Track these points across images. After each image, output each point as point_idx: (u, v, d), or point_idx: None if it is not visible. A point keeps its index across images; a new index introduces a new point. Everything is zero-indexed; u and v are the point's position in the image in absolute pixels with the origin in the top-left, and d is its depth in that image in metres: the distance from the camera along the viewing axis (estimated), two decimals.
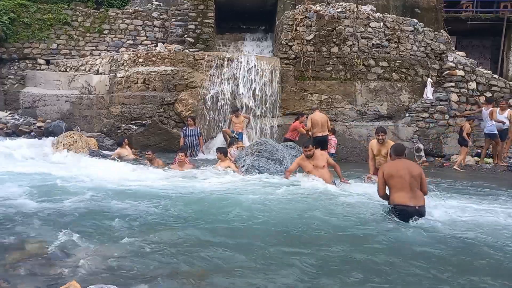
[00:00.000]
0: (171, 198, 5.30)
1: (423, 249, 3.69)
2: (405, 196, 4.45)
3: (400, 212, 4.45)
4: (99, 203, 4.89)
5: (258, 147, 8.19)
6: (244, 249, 3.49)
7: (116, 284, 2.59)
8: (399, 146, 5.07)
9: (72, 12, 14.37)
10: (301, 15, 11.50)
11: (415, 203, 4.44)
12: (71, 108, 12.21)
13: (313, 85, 11.34)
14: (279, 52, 11.55)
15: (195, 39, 13.05)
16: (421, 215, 4.45)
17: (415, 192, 4.48)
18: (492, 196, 6.36)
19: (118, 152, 9.28)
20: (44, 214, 4.23)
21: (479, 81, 11.68)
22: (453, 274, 3.15)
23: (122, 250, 3.30)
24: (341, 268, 3.19)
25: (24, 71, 13.91)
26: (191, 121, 10.01)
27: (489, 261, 3.46)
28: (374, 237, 3.98)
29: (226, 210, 4.78)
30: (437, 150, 11.38)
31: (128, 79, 11.33)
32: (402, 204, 4.46)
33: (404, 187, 4.46)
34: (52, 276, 2.81)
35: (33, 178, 6.16)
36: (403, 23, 11.81)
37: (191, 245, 3.53)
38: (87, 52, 14.25)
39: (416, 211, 4.42)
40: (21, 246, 3.31)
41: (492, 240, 3.99)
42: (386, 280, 3.00)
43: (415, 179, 4.50)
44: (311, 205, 5.12)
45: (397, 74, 11.51)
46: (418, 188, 4.52)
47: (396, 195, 4.52)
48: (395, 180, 4.54)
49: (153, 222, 4.22)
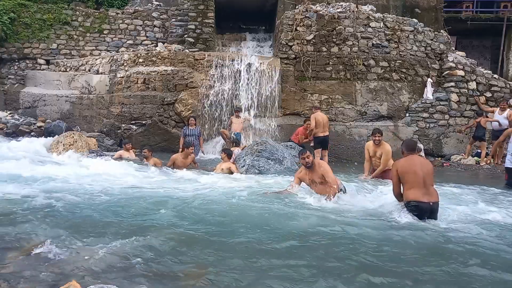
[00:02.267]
0: (171, 198, 5.30)
1: (426, 250, 3.69)
2: (419, 192, 4.43)
3: (414, 208, 4.44)
4: (99, 203, 4.90)
5: (258, 147, 8.20)
6: (244, 249, 3.50)
7: (116, 284, 2.59)
8: (411, 142, 5.07)
9: (72, 12, 14.37)
10: (301, 15, 11.50)
11: (428, 199, 4.43)
12: (71, 108, 12.21)
13: (313, 85, 11.33)
14: (279, 52, 11.55)
15: (195, 39, 13.05)
16: (435, 211, 4.46)
17: (429, 188, 4.46)
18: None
19: (120, 154, 9.08)
20: (44, 214, 4.23)
21: (479, 81, 11.68)
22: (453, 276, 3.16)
23: (122, 250, 3.30)
24: (341, 268, 3.19)
25: (24, 71, 13.91)
26: (193, 121, 9.98)
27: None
28: (374, 239, 3.98)
29: (227, 210, 4.79)
30: (437, 150, 11.39)
31: (128, 79, 11.33)
32: (416, 200, 4.43)
33: (418, 183, 4.45)
34: (52, 276, 2.81)
35: (33, 178, 6.16)
36: (403, 23, 11.81)
37: (191, 245, 3.53)
38: (87, 52, 14.25)
39: (429, 207, 4.42)
40: (21, 246, 3.31)
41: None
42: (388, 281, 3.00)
43: (428, 175, 4.50)
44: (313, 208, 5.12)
45: (397, 74, 11.51)
46: (432, 184, 4.51)
47: (410, 191, 4.49)
48: (409, 176, 4.50)
49: (154, 222, 4.22)
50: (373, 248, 3.63)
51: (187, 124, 10.07)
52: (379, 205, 5.10)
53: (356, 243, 3.74)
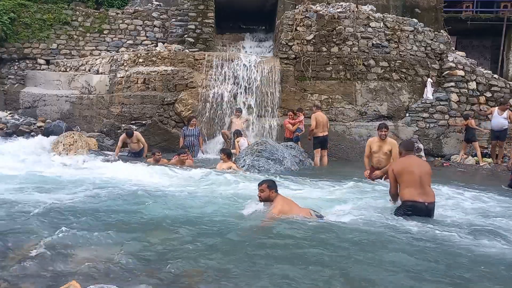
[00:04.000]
0: (172, 198, 5.30)
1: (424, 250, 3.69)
2: (414, 192, 4.44)
3: (410, 208, 4.46)
4: (99, 203, 4.89)
5: (258, 147, 8.21)
6: (245, 249, 3.49)
7: (116, 284, 2.59)
8: (409, 142, 5.13)
9: (72, 12, 14.37)
10: (301, 15, 11.50)
11: (424, 199, 4.43)
12: (71, 108, 12.21)
13: (313, 85, 11.34)
14: (279, 52, 11.55)
15: (195, 39, 13.05)
16: (431, 212, 4.46)
17: (425, 189, 4.47)
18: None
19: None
20: (44, 214, 4.22)
21: (479, 81, 11.68)
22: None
23: (122, 250, 3.30)
24: (339, 268, 3.19)
25: (24, 71, 13.90)
26: (194, 121, 9.97)
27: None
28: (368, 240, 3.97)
29: (228, 210, 4.79)
30: (437, 150, 11.38)
31: (128, 79, 11.33)
32: (411, 200, 4.46)
33: (414, 183, 4.45)
34: (52, 276, 2.81)
35: (33, 177, 6.16)
36: (403, 23, 11.81)
37: (192, 245, 3.53)
38: (87, 52, 14.25)
39: (425, 207, 4.42)
40: (21, 246, 3.31)
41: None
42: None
43: (425, 175, 4.50)
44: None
45: (397, 74, 11.51)
46: (429, 185, 4.51)
47: (406, 190, 4.50)
48: (405, 176, 4.52)
49: (154, 222, 4.22)
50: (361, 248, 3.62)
51: (187, 124, 10.06)
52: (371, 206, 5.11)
53: (346, 242, 3.74)
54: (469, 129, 10.51)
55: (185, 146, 9.23)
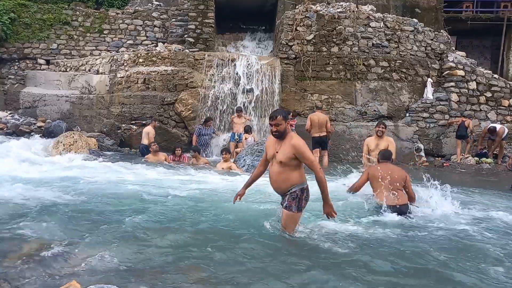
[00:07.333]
0: (172, 198, 5.30)
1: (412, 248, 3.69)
2: (385, 196, 4.87)
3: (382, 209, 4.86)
4: (99, 203, 4.89)
5: (258, 147, 8.21)
6: (245, 249, 3.49)
7: (116, 284, 2.59)
8: (387, 152, 5.53)
9: (72, 12, 14.37)
10: (301, 15, 11.50)
11: (396, 202, 4.82)
12: (71, 108, 12.21)
13: (313, 85, 11.33)
14: (279, 52, 11.55)
15: (195, 39, 13.05)
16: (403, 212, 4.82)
17: (396, 193, 4.88)
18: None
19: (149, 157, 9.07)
20: (44, 214, 4.22)
21: (479, 81, 11.68)
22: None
23: (122, 250, 3.30)
24: (339, 268, 3.20)
25: (24, 71, 13.91)
26: (211, 122, 10.23)
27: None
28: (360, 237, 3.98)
29: (229, 211, 4.78)
30: (437, 150, 11.38)
31: (128, 79, 11.33)
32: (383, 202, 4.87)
33: (386, 188, 4.90)
34: (52, 276, 2.81)
35: (32, 177, 6.16)
36: (403, 23, 11.81)
37: (192, 245, 3.53)
38: (87, 52, 14.26)
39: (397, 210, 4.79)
40: (21, 246, 3.31)
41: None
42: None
43: (397, 181, 4.94)
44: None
45: (397, 74, 11.51)
46: (401, 189, 4.95)
47: (378, 194, 4.95)
48: (378, 181, 4.98)
49: (154, 222, 4.21)
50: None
51: (204, 124, 10.18)
52: None
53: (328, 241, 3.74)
54: (463, 127, 10.62)
55: (199, 145, 9.70)
